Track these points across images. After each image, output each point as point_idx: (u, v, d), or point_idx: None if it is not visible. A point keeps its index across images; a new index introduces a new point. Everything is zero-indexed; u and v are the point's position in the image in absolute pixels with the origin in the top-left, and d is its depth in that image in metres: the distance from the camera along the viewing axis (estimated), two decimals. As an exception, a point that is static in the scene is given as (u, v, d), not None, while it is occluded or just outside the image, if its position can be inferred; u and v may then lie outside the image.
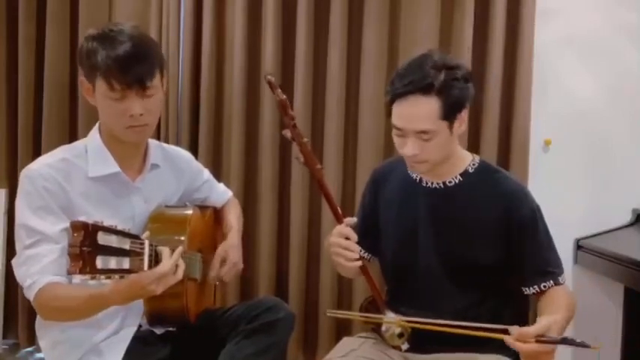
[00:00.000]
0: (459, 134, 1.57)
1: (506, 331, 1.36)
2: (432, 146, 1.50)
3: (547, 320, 1.36)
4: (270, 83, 1.59)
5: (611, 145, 2.77)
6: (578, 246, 2.69)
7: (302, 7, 2.71)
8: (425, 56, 1.52)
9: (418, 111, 1.47)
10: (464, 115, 1.54)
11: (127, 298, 1.44)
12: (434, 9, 2.67)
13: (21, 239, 1.51)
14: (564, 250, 2.67)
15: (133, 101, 1.48)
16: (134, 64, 1.45)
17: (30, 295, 1.48)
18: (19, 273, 1.52)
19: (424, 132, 1.48)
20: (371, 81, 2.70)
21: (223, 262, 1.75)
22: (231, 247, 1.79)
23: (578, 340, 1.29)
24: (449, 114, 1.48)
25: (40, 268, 1.47)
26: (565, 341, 1.32)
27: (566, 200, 2.71)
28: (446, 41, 2.68)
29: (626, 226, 2.71)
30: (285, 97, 1.58)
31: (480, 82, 2.68)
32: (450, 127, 1.51)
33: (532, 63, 2.66)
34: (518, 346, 1.33)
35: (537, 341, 1.31)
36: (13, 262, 1.54)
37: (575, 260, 2.71)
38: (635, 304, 2.64)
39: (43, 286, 1.46)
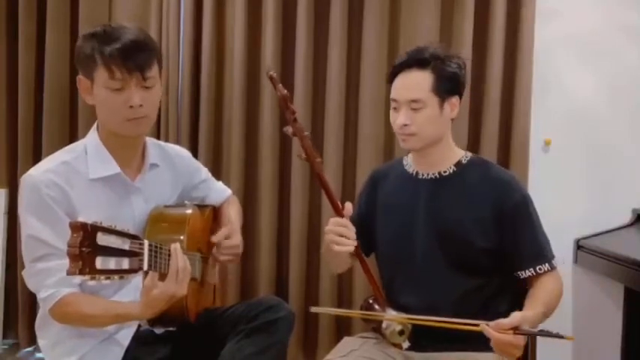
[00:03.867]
0: (450, 118, 1.65)
1: (476, 325, 1.41)
2: (421, 118, 1.60)
3: (520, 315, 1.42)
4: (271, 78, 1.61)
5: (611, 145, 2.77)
6: (578, 246, 2.69)
7: (302, 7, 2.71)
8: (430, 43, 1.69)
9: (412, 81, 1.60)
10: (455, 102, 1.64)
11: (156, 310, 1.46)
12: (434, 9, 2.68)
13: (30, 251, 1.52)
14: (564, 250, 2.67)
15: (132, 92, 1.49)
16: (135, 52, 1.47)
17: (47, 305, 1.51)
18: (31, 283, 1.54)
19: (414, 101, 1.59)
20: (371, 81, 2.71)
21: (227, 237, 1.74)
22: (235, 230, 1.79)
23: (553, 332, 1.35)
24: (440, 89, 1.60)
25: (57, 281, 1.49)
26: (542, 333, 1.39)
27: (566, 200, 2.72)
28: (446, 41, 2.68)
29: (626, 226, 2.71)
30: (286, 92, 1.61)
31: (480, 82, 2.69)
32: (441, 104, 1.60)
33: (532, 63, 2.67)
34: (495, 335, 1.37)
35: (515, 333, 1.37)
36: (24, 272, 1.56)
37: (575, 260, 2.71)
38: (635, 304, 2.64)
39: (64, 299, 1.50)
